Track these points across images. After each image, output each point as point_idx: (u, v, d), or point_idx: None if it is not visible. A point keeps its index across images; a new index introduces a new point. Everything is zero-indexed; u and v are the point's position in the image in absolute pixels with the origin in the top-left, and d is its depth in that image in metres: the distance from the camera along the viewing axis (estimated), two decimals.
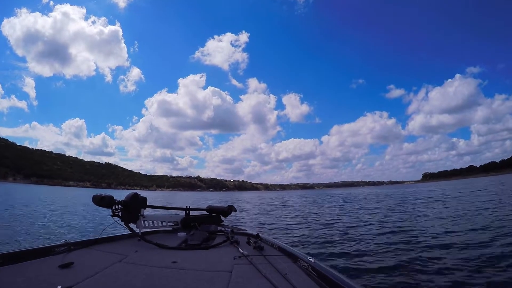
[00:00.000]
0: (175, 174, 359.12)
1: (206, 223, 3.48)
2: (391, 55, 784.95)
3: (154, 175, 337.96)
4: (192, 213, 3.57)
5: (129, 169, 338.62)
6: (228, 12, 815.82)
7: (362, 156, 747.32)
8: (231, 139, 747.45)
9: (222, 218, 3.77)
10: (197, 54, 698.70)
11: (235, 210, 3.85)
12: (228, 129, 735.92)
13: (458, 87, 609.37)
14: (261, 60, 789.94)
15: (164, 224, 3.33)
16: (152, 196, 39.85)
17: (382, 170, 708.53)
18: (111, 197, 2.69)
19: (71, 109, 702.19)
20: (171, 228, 3.34)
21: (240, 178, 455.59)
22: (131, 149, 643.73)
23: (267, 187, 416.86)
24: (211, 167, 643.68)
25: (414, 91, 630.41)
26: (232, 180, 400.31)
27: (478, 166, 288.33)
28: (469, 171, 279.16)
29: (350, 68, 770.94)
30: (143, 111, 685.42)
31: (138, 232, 2.76)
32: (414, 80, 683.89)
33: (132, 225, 2.82)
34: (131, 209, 2.82)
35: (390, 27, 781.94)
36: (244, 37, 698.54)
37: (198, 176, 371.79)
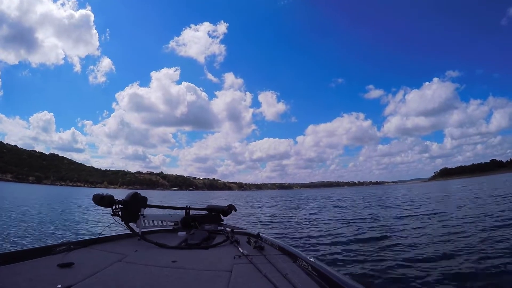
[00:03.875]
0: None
1: (206, 222, 3.48)
2: (373, 54, 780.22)
3: (109, 170, 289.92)
4: (192, 212, 3.57)
5: (79, 162, 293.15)
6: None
7: (336, 157, 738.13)
8: (204, 137, 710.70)
9: (222, 217, 3.78)
10: (172, 43, 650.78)
11: (236, 210, 3.85)
12: (202, 126, 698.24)
13: (436, 90, 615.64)
14: (239, 54, 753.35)
15: (164, 223, 3.33)
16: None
17: (355, 171, 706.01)
18: (111, 197, 2.69)
19: (38, 100, 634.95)
20: (171, 228, 3.34)
21: (213, 177, 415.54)
22: (102, 145, 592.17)
23: (242, 186, 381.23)
24: (183, 165, 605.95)
25: (393, 92, 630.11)
26: (201, 178, 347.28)
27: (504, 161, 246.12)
28: (498, 166, 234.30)
29: (330, 66, 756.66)
30: (114, 105, 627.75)
31: (138, 232, 2.75)
32: (394, 81, 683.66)
33: (132, 225, 2.80)
34: (131, 209, 2.81)
35: (374, 26, 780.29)
36: (222, 27, 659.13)
37: (161, 172, 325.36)
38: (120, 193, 3.02)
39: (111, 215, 2.71)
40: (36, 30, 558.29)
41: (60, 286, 1.44)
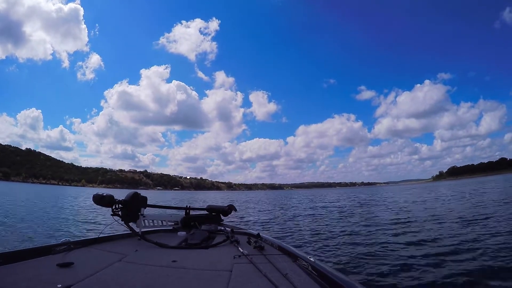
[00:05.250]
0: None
1: (206, 222, 3.49)
2: (365, 54, 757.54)
3: (90, 168, 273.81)
4: (192, 212, 3.60)
5: (57, 159, 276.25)
6: None
7: (326, 158, 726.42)
8: (194, 136, 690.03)
9: (222, 217, 3.80)
10: (162, 40, 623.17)
11: (236, 210, 3.86)
12: (192, 126, 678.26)
13: (427, 93, 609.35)
14: (230, 52, 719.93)
15: (164, 223, 3.35)
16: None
17: (345, 172, 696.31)
18: (111, 196, 2.70)
19: (26, 97, 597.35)
20: (171, 228, 3.36)
21: (201, 176, 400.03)
22: (91, 144, 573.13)
23: (231, 186, 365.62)
24: (173, 165, 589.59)
25: (385, 94, 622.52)
26: (188, 177, 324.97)
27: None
28: (509, 165, 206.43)
29: (322, 66, 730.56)
30: (102, 102, 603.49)
31: (138, 232, 2.77)
32: (386, 82, 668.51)
33: (132, 224, 2.82)
34: (131, 208, 2.82)
35: (367, 27, 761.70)
36: (214, 24, 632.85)
37: (145, 170, 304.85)
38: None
39: (111, 215, 2.71)
40: (24, 23, 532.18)
41: (60, 286, 1.44)
